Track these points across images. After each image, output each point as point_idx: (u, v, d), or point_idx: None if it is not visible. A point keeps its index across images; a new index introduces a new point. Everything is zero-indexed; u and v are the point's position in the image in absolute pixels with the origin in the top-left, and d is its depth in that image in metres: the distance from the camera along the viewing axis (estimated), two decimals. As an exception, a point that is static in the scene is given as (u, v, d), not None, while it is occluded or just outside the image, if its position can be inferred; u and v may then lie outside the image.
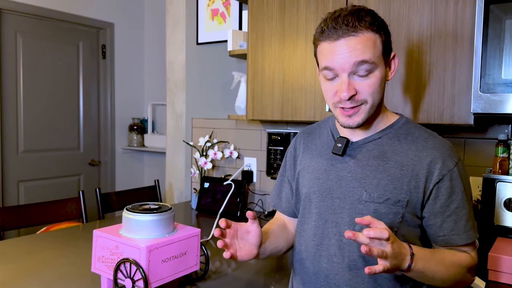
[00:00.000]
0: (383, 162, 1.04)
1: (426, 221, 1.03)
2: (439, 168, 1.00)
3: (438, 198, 1.01)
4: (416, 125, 1.10)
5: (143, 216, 1.23)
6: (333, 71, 0.99)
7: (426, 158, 1.01)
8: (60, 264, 1.54)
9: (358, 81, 0.98)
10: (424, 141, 1.04)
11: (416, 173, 1.01)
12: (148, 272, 1.17)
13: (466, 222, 1.02)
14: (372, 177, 1.03)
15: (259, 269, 1.55)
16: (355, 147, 1.08)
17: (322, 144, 1.16)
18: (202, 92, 2.71)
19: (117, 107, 3.69)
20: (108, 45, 3.59)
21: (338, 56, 0.96)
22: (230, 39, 2.25)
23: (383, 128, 1.08)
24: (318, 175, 1.11)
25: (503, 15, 1.33)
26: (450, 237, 1.02)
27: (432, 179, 1.00)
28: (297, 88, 1.88)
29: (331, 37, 0.97)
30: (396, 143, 1.05)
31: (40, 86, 3.20)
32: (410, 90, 1.59)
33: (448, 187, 1.00)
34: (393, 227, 1.01)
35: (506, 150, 1.62)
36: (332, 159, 1.10)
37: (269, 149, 2.14)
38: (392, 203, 1.00)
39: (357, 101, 0.99)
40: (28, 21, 3.10)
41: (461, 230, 1.02)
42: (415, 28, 1.57)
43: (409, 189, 1.01)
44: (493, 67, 1.35)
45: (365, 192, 1.02)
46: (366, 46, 0.95)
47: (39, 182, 3.24)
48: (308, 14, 1.83)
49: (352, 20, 0.95)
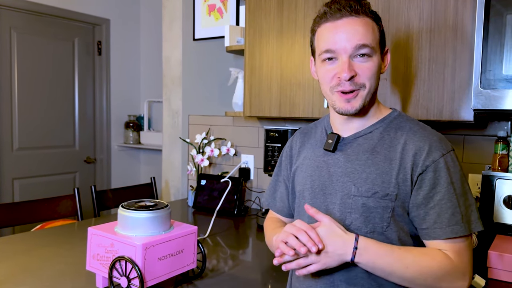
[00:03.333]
0: (372, 156, 1.03)
1: (410, 213, 1.01)
2: (423, 159, 0.99)
3: (421, 189, 0.98)
4: (408, 118, 1.09)
5: (139, 213, 1.21)
6: (334, 53, 1.01)
7: (412, 149, 1.01)
8: (55, 262, 1.52)
9: (358, 63, 1.00)
10: (413, 134, 1.04)
11: (404, 166, 1.00)
12: (144, 270, 1.15)
13: (451, 215, 0.96)
14: (361, 171, 1.03)
15: (257, 267, 1.54)
16: (346, 142, 1.08)
17: (316, 142, 1.16)
18: (199, 88, 2.69)
19: (113, 104, 3.66)
20: (104, 41, 3.56)
21: (341, 37, 0.99)
22: (227, 34, 2.22)
23: (375, 122, 1.08)
24: (311, 172, 1.12)
25: (504, 10, 1.31)
26: (433, 230, 0.97)
27: (417, 170, 0.99)
28: (295, 85, 1.86)
29: (334, 17, 1.01)
30: (386, 137, 1.05)
31: (35, 82, 3.16)
32: (409, 86, 1.57)
33: (432, 178, 0.98)
34: (383, 222, 1.00)
35: (506, 147, 1.61)
36: (324, 155, 1.11)
37: (266, 146, 2.12)
38: (380, 197, 0.99)
39: (356, 84, 1.00)
40: (22, 17, 3.06)
41: (444, 224, 0.96)
42: (415, 23, 1.55)
43: (397, 182, 0.99)
44: (494, 62, 1.33)
45: (354, 186, 1.02)
46: (367, 30, 1.00)
47: (34, 180, 3.21)
48: (306, 9, 1.81)
49: (354, 3, 1.00)
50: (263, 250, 1.71)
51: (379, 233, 1.00)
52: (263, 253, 1.68)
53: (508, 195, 1.50)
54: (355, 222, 1.01)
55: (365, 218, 1.00)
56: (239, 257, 1.65)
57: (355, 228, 1.01)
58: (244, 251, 1.75)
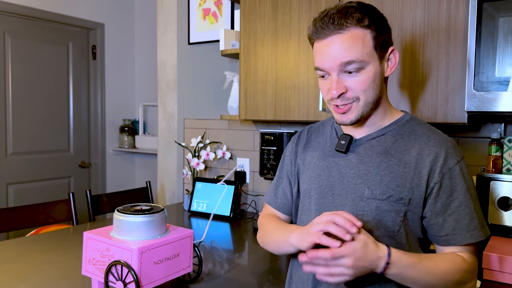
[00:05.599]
0: (386, 159, 1.03)
1: (428, 221, 1.02)
2: (440, 166, 0.99)
3: (439, 197, 0.99)
4: (420, 122, 1.09)
5: (135, 217, 1.21)
6: (323, 71, 1.01)
7: (429, 156, 1.01)
8: (50, 267, 1.51)
9: (348, 78, 0.99)
10: (427, 138, 1.04)
11: (419, 171, 1.00)
12: (140, 275, 1.15)
13: (470, 221, 0.99)
14: (374, 174, 1.02)
15: (253, 271, 1.54)
16: (358, 144, 1.08)
17: (325, 141, 1.15)
18: (194, 92, 2.69)
19: (108, 108, 3.65)
20: (99, 45, 3.55)
21: (326, 57, 0.98)
22: (222, 38, 2.23)
23: (387, 125, 1.07)
24: (320, 172, 1.10)
25: (496, 13, 1.33)
26: (452, 237, 1.00)
27: (434, 177, 0.99)
28: (290, 88, 1.87)
29: (320, 36, 1.00)
30: (400, 141, 1.05)
31: (29, 87, 3.15)
32: (404, 88, 1.58)
33: (449, 185, 0.99)
34: (395, 226, 1.00)
35: (499, 149, 1.62)
36: (335, 156, 1.10)
37: (262, 150, 2.12)
38: (394, 201, 0.99)
39: (348, 99, 1.00)
40: (17, 21, 3.06)
41: (463, 229, 0.99)
42: (408, 26, 1.56)
43: (411, 186, 1.00)
44: (487, 65, 1.35)
45: (367, 188, 1.01)
46: (354, 44, 0.96)
47: (28, 185, 3.19)
48: (301, 13, 1.82)
49: (338, 18, 0.97)
50: (259, 253, 1.71)
51: (390, 237, 1.00)
52: (259, 257, 1.68)
53: (503, 196, 1.51)
54: (366, 225, 1.00)
55: (378, 222, 1.00)
56: (235, 261, 1.64)
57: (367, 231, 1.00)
58: (240, 254, 1.75)
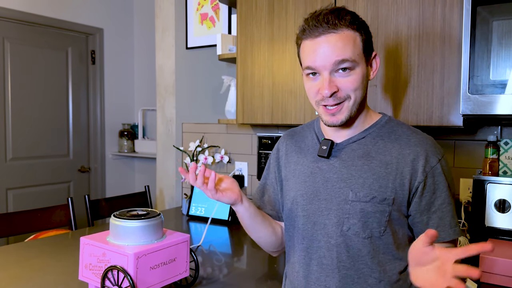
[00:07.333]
0: (368, 161, 1.04)
1: (412, 219, 1.04)
2: (423, 165, 1.01)
3: (424, 195, 1.02)
4: (398, 123, 1.11)
5: (131, 222, 1.21)
6: (314, 70, 1.01)
7: (410, 155, 1.02)
8: (48, 272, 1.51)
9: (339, 78, 1.00)
10: (407, 138, 1.05)
11: (401, 170, 1.02)
12: (136, 280, 1.15)
13: (452, 218, 1.03)
14: (357, 177, 1.03)
15: (251, 275, 1.54)
16: (340, 148, 1.09)
17: (307, 147, 1.16)
18: (192, 96, 2.70)
19: (107, 113, 3.66)
20: (98, 50, 3.56)
21: (319, 55, 0.99)
22: (220, 43, 2.24)
23: (366, 128, 1.09)
24: (305, 178, 1.12)
25: (490, 16, 1.33)
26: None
27: (418, 176, 1.01)
28: (287, 92, 1.88)
29: (312, 35, 1.00)
30: (380, 142, 1.06)
31: (29, 92, 3.16)
32: (399, 92, 1.59)
33: (432, 183, 1.01)
34: (380, 226, 1.01)
35: (496, 151, 1.62)
36: (318, 161, 1.11)
37: (259, 153, 2.13)
38: (378, 202, 1.01)
39: (340, 98, 1.01)
40: (16, 27, 3.07)
41: (447, 226, 1.02)
42: (403, 30, 1.57)
43: (394, 187, 1.01)
44: (481, 68, 1.35)
45: (351, 191, 1.03)
46: (346, 44, 0.98)
47: (28, 190, 3.20)
48: (297, 17, 1.83)
49: (332, 18, 0.98)
50: (258, 257, 1.72)
51: (376, 237, 1.01)
52: (257, 261, 1.68)
53: (499, 199, 1.51)
54: (353, 227, 1.02)
55: (363, 223, 1.01)
56: (233, 265, 1.64)
57: (354, 234, 1.02)
58: (239, 258, 1.75)
